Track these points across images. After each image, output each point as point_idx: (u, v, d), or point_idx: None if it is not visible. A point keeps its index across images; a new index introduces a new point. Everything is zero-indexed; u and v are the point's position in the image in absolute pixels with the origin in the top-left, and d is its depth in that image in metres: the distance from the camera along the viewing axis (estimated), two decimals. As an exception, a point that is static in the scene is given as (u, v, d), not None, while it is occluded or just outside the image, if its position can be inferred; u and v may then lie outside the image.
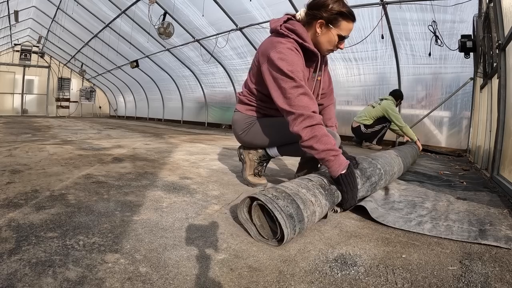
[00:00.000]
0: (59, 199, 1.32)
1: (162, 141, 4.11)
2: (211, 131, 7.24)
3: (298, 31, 1.38)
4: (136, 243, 0.93)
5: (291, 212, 0.96)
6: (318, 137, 1.23)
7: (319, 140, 1.23)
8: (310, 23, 1.40)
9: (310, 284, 0.76)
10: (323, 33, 1.37)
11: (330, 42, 1.38)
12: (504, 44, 2.14)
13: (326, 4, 1.33)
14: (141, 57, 9.48)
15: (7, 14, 8.82)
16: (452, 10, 3.92)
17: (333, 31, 1.35)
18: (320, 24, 1.36)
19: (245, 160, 1.77)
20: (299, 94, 1.28)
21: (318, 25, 1.36)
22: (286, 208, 0.96)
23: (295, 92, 1.28)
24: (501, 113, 2.14)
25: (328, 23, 1.35)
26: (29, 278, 0.71)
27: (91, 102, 15.19)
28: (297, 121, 1.26)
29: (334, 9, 1.31)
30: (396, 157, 1.97)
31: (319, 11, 1.35)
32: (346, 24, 1.35)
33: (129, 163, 2.30)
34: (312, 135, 1.24)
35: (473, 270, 0.86)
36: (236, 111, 1.71)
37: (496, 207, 1.49)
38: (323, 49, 1.42)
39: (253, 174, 1.77)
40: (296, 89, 1.28)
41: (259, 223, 1.05)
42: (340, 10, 1.32)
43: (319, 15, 1.34)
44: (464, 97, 4.44)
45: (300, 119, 1.25)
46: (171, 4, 6.21)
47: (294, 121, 1.28)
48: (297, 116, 1.26)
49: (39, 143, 3.30)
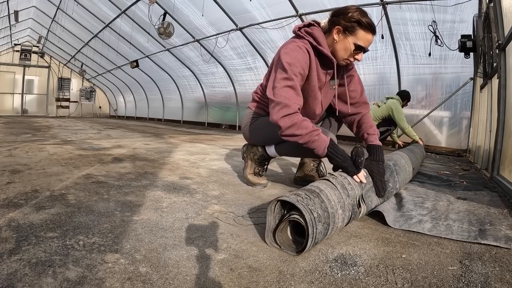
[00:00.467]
0: (59, 199, 1.32)
1: (162, 141, 4.11)
2: (211, 131, 7.23)
3: (315, 35, 1.40)
4: (136, 243, 0.93)
5: (321, 230, 0.94)
6: (298, 123, 1.26)
7: (299, 126, 1.26)
8: (330, 30, 1.40)
9: (310, 284, 0.76)
10: (340, 40, 1.37)
11: (346, 50, 1.37)
12: (504, 44, 2.14)
13: (347, 12, 1.34)
14: (141, 57, 9.48)
15: (7, 14, 8.82)
16: (452, 10, 3.92)
17: (350, 39, 1.35)
18: (337, 31, 1.37)
19: (247, 159, 1.79)
20: (285, 86, 1.31)
21: (336, 31, 1.37)
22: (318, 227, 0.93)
23: (283, 83, 1.31)
24: (501, 113, 2.14)
25: (345, 30, 1.35)
26: (29, 278, 0.71)
27: (91, 102, 15.19)
28: (275, 109, 1.29)
29: (353, 17, 1.32)
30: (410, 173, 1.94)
31: (338, 17, 1.37)
32: (364, 34, 1.34)
33: (129, 163, 2.30)
34: (290, 124, 1.27)
35: (473, 270, 0.86)
36: (247, 107, 1.77)
37: (496, 207, 1.49)
38: (339, 57, 1.42)
39: (253, 173, 1.78)
40: (284, 81, 1.31)
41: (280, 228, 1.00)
42: (359, 19, 1.32)
43: (338, 21, 1.36)
44: (464, 97, 4.44)
45: (279, 107, 1.28)
46: (171, 4, 6.21)
47: (273, 109, 1.30)
48: (276, 104, 1.29)
49: (39, 143, 3.30)
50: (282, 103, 1.28)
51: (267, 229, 0.99)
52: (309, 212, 0.92)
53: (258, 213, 1.28)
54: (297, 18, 5.16)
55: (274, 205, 1.01)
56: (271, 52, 6.48)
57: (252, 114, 1.71)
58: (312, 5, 4.86)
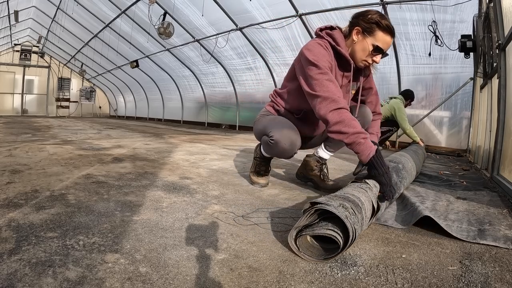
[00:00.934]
0: (59, 199, 1.32)
1: (162, 141, 4.11)
2: (211, 131, 7.23)
3: (334, 36, 1.44)
4: (136, 243, 0.93)
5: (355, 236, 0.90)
6: (346, 121, 1.24)
7: (347, 124, 1.23)
8: (350, 32, 1.44)
9: (310, 284, 0.76)
10: (359, 41, 1.40)
11: (364, 50, 1.39)
12: (504, 44, 2.14)
13: (366, 14, 1.39)
14: (141, 57, 9.48)
15: (7, 14, 8.82)
16: (452, 10, 3.92)
17: (368, 40, 1.37)
18: (356, 31, 1.40)
19: (253, 156, 1.84)
20: (325, 80, 1.31)
21: (355, 32, 1.40)
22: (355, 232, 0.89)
23: (321, 77, 1.32)
24: (501, 113, 2.14)
25: (364, 31, 1.38)
26: (29, 278, 0.71)
27: (91, 102, 15.19)
28: (323, 104, 1.28)
29: (372, 19, 1.36)
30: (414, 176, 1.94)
31: (358, 19, 1.41)
32: (382, 36, 1.36)
33: (129, 163, 2.30)
34: (339, 119, 1.24)
35: (473, 270, 0.86)
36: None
37: (496, 207, 1.49)
38: (358, 58, 1.43)
39: (254, 172, 1.80)
40: (321, 75, 1.32)
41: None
42: (378, 20, 1.35)
43: (357, 23, 1.40)
44: (464, 97, 4.43)
45: (326, 102, 1.28)
46: (171, 4, 6.21)
47: (320, 104, 1.30)
48: (322, 99, 1.29)
49: (39, 143, 3.30)
50: (329, 97, 1.27)
51: (294, 227, 0.94)
52: (353, 232, 0.87)
53: (258, 213, 1.28)
54: (297, 18, 5.16)
55: (313, 210, 0.95)
56: (271, 52, 6.48)
57: (263, 112, 1.77)
58: (312, 5, 4.86)
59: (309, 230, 0.93)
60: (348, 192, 1.06)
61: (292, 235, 0.93)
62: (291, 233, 0.93)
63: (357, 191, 1.09)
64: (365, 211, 1.00)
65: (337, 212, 0.89)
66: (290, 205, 1.42)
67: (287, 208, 1.37)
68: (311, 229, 0.93)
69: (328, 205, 0.92)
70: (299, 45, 5.86)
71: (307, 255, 0.90)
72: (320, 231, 0.91)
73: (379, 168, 1.19)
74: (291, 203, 1.46)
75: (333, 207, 0.91)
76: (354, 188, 1.12)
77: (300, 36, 5.62)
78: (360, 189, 1.12)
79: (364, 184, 1.18)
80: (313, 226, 0.94)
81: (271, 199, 1.51)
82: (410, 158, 2.00)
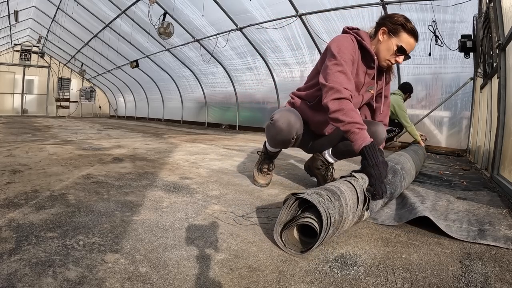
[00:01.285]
0: (59, 199, 1.32)
1: (162, 141, 4.11)
2: (211, 131, 7.23)
3: (360, 33, 1.51)
4: (136, 243, 0.93)
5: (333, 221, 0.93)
6: (345, 110, 1.29)
7: (345, 113, 1.29)
8: (375, 33, 1.50)
9: (310, 284, 0.76)
10: (384, 41, 1.46)
11: (389, 50, 1.45)
12: (504, 44, 2.14)
13: (392, 16, 1.46)
14: (141, 57, 9.48)
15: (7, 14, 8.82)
16: (452, 10, 3.92)
17: (393, 40, 1.43)
18: (383, 32, 1.46)
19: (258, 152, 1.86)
20: (337, 71, 1.36)
21: (381, 32, 1.46)
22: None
23: (334, 68, 1.37)
24: (501, 113, 2.14)
25: (390, 32, 1.44)
26: (29, 278, 0.71)
27: (91, 102, 15.19)
28: (327, 94, 1.35)
29: (398, 21, 1.43)
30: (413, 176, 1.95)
31: (384, 20, 1.48)
32: (407, 37, 1.42)
33: (129, 163, 2.30)
34: (339, 108, 1.30)
35: (473, 270, 0.86)
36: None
37: (496, 207, 1.49)
38: (381, 57, 1.48)
39: (257, 169, 1.82)
40: (335, 66, 1.37)
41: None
42: (404, 23, 1.42)
43: (384, 23, 1.46)
44: (464, 97, 4.43)
45: (331, 91, 1.34)
46: (171, 4, 6.21)
47: (325, 94, 1.36)
48: (328, 89, 1.35)
49: (39, 143, 3.30)
50: (334, 88, 1.33)
51: (277, 223, 0.98)
52: (327, 217, 0.90)
53: (258, 213, 1.28)
54: (297, 18, 5.16)
55: (292, 201, 0.99)
56: (271, 52, 6.49)
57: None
58: (312, 5, 4.86)
59: (292, 223, 0.97)
60: (329, 185, 1.09)
61: (278, 230, 0.97)
62: (276, 229, 0.97)
63: (338, 182, 1.11)
64: (346, 200, 1.02)
65: (310, 198, 0.92)
66: (290, 205, 1.42)
67: (287, 208, 1.37)
68: (294, 222, 0.96)
69: (302, 193, 0.96)
70: (299, 45, 5.87)
71: (293, 250, 0.93)
72: (298, 221, 0.95)
73: (369, 159, 1.22)
74: (291, 203, 1.46)
75: (307, 194, 0.95)
76: (338, 182, 1.14)
77: (300, 36, 5.62)
78: (343, 181, 1.14)
79: (350, 177, 1.20)
80: (296, 219, 0.97)
81: (271, 199, 1.51)
82: (409, 157, 2.00)
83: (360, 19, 4.67)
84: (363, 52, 1.49)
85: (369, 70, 1.53)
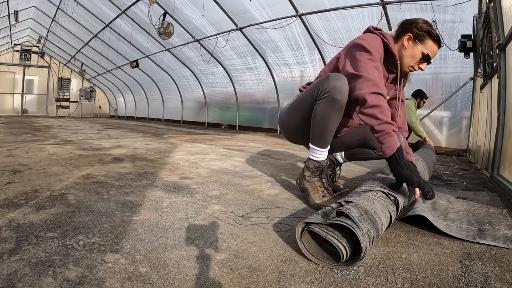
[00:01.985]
0: (59, 199, 1.32)
1: (162, 141, 4.11)
2: (211, 131, 7.23)
3: (385, 34, 1.44)
4: (136, 243, 0.93)
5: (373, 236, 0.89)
6: (383, 107, 1.20)
7: (383, 112, 1.19)
8: (398, 37, 1.44)
9: (310, 284, 0.76)
10: (409, 47, 1.41)
11: (414, 57, 1.41)
12: (504, 44, 2.14)
13: (417, 22, 1.41)
14: (141, 57, 9.48)
15: (7, 14, 8.82)
16: (452, 10, 3.92)
17: (419, 47, 1.39)
18: (408, 38, 1.40)
19: (305, 185, 1.52)
20: (372, 66, 1.28)
21: (407, 38, 1.41)
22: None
23: (369, 62, 1.28)
24: (501, 113, 2.14)
25: (416, 38, 1.39)
26: (29, 278, 0.71)
27: (91, 102, 15.20)
28: (364, 84, 1.23)
29: (424, 28, 1.38)
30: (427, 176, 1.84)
31: (410, 26, 1.41)
32: (432, 45, 1.39)
33: (129, 163, 2.30)
34: (377, 103, 1.20)
35: (473, 270, 0.86)
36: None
37: (496, 207, 1.49)
38: (405, 64, 1.44)
39: (322, 196, 1.46)
40: (370, 61, 1.29)
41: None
42: (429, 30, 1.38)
43: (410, 29, 1.40)
44: (464, 97, 4.44)
45: (369, 83, 1.23)
46: (171, 4, 6.21)
47: (361, 84, 1.24)
48: (365, 79, 1.24)
49: (39, 143, 3.30)
50: (372, 80, 1.23)
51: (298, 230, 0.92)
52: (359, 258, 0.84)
53: (258, 213, 1.28)
54: (297, 18, 5.16)
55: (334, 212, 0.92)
56: (271, 52, 6.49)
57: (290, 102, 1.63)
58: (312, 5, 4.86)
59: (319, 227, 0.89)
60: (375, 210, 0.97)
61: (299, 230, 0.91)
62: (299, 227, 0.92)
63: (378, 203, 1.01)
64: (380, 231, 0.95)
65: (361, 242, 0.83)
66: (290, 205, 1.42)
67: (287, 208, 1.37)
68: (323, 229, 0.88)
69: (358, 228, 0.85)
70: (299, 45, 5.87)
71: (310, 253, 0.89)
72: (330, 238, 0.87)
73: (401, 163, 1.13)
74: (291, 202, 1.46)
75: (361, 234, 0.84)
76: (381, 203, 1.02)
77: (300, 36, 5.63)
78: (382, 200, 1.04)
79: (387, 197, 1.09)
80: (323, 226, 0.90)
81: (271, 199, 1.51)
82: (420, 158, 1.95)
83: (360, 19, 4.68)
84: (386, 55, 1.43)
85: (390, 75, 1.48)
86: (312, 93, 1.44)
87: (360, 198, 1.01)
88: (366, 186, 1.15)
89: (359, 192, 1.10)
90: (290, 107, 1.63)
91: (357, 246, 0.86)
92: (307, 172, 1.50)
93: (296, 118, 1.58)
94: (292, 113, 1.61)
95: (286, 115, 1.65)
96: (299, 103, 1.56)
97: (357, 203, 0.97)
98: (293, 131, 1.66)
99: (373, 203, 1.00)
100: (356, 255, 0.87)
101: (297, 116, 1.57)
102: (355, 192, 1.12)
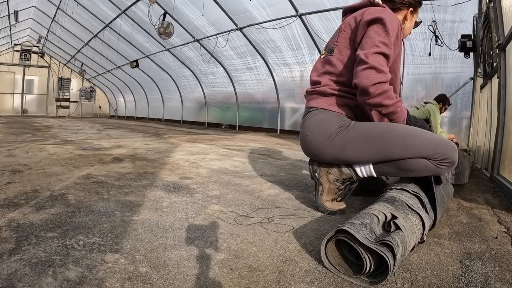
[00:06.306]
0: (59, 199, 1.32)
1: (162, 141, 4.11)
2: (211, 131, 7.23)
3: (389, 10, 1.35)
4: (136, 243, 0.93)
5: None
6: (387, 92, 1.15)
7: (388, 95, 1.16)
8: (397, 10, 1.35)
9: (310, 284, 0.76)
10: (410, 20, 1.38)
11: (410, 28, 1.40)
12: (504, 44, 2.14)
13: None
14: (141, 57, 9.48)
15: (7, 14, 8.82)
16: (452, 10, 3.92)
17: (414, 18, 1.39)
18: (410, 11, 1.37)
19: (322, 182, 1.34)
20: (381, 52, 1.16)
21: (410, 12, 1.36)
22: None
23: (382, 47, 1.16)
24: (501, 113, 2.14)
25: (414, 10, 1.37)
26: (29, 278, 0.71)
27: (91, 102, 15.19)
28: (367, 72, 1.13)
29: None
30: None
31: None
32: (418, 11, 1.39)
33: (129, 163, 2.30)
34: (382, 90, 1.13)
35: (473, 270, 0.86)
36: (315, 109, 1.33)
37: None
38: (404, 35, 1.41)
39: (332, 200, 1.34)
40: (383, 46, 1.16)
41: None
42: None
43: (410, 3, 1.35)
44: (464, 97, 4.44)
45: (373, 71, 1.13)
46: (171, 4, 6.21)
47: (363, 71, 1.14)
48: (369, 67, 1.14)
49: (39, 143, 3.30)
50: (377, 67, 1.13)
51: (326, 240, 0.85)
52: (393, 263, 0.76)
53: (258, 213, 1.28)
54: (297, 18, 5.16)
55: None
56: (271, 52, 6.48)
57: (337, 118, 1.28)
58: (312, 5, 4.86)
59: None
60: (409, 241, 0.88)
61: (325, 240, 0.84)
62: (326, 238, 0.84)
63: (414, 215, 0.95)
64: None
65: (390, 265, 0.75)
66: (290, 205, 1.42)
67: (287, 208, 1.37)
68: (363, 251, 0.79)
69: (393, 255, 0.77)
70: (299, 45, 5.87)
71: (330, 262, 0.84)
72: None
73: (411, 125, 1.23)
74: (291, 202, 1.46)
75: (391, 263, 0.76)
76: (414, 214, 0.96)
77: (300, 36, 5.62)
78: (417, 212, 0.97)
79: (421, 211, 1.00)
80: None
81: (271, 199, 1.51)
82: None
83: (360, 19, 4.66)
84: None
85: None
86: (421, 149, 1.16)
87: (406, 224, 0.90)
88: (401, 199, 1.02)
89: (404, 209, 0.96)
90: (360, 140, 1.24)
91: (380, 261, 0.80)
92: (335, 173, 1.32)
93: (364, 154, 1.25)
94: (360, 148, 1.24)
95: (342, 146, 1.26)
96: (386, 148, 1.21)
97: (403, 231, 0.86)
98: (337, 160, 1.31)
99: (411, 234, 0.90)
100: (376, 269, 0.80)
101: (370, 156, 1.25)
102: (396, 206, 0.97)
